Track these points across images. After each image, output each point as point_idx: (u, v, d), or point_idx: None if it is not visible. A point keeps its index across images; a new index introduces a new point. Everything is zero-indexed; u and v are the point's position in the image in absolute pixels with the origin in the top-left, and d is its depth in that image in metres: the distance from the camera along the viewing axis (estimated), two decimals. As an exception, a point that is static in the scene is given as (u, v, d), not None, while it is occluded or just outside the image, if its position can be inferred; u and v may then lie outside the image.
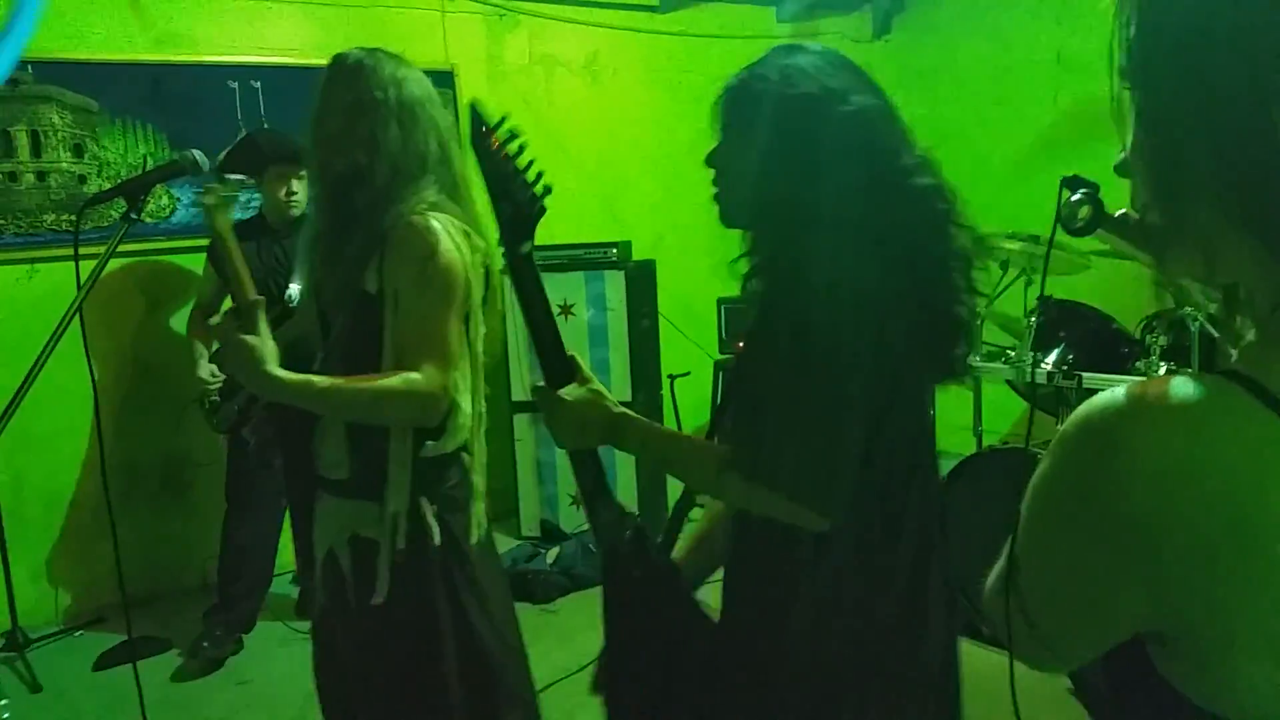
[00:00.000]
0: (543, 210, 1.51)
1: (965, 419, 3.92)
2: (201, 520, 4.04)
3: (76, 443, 3.92)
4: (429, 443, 1.86)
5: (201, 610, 3.67)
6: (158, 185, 2.93)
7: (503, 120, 1.50)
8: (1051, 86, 5.03)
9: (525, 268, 1.52)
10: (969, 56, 5.59)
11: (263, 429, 3.24)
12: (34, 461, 3.88)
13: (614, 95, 5.30)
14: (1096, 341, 3.41)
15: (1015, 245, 3.53)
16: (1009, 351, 3.77)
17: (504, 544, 4.37)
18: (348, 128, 1.83)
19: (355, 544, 1.89)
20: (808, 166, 1.31)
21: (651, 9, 5.49)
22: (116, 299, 4.01)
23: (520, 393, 4.56)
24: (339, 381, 1.70)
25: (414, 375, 1.72)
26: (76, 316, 1.68)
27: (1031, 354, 3.47)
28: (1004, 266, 3.76)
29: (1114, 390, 0.69)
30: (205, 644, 3.52)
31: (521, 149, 1.51)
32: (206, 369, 3.44)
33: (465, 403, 1.88)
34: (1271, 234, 0.65)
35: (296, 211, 3.49)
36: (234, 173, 3.55)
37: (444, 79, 4.82)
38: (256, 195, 3.70)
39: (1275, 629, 0.64)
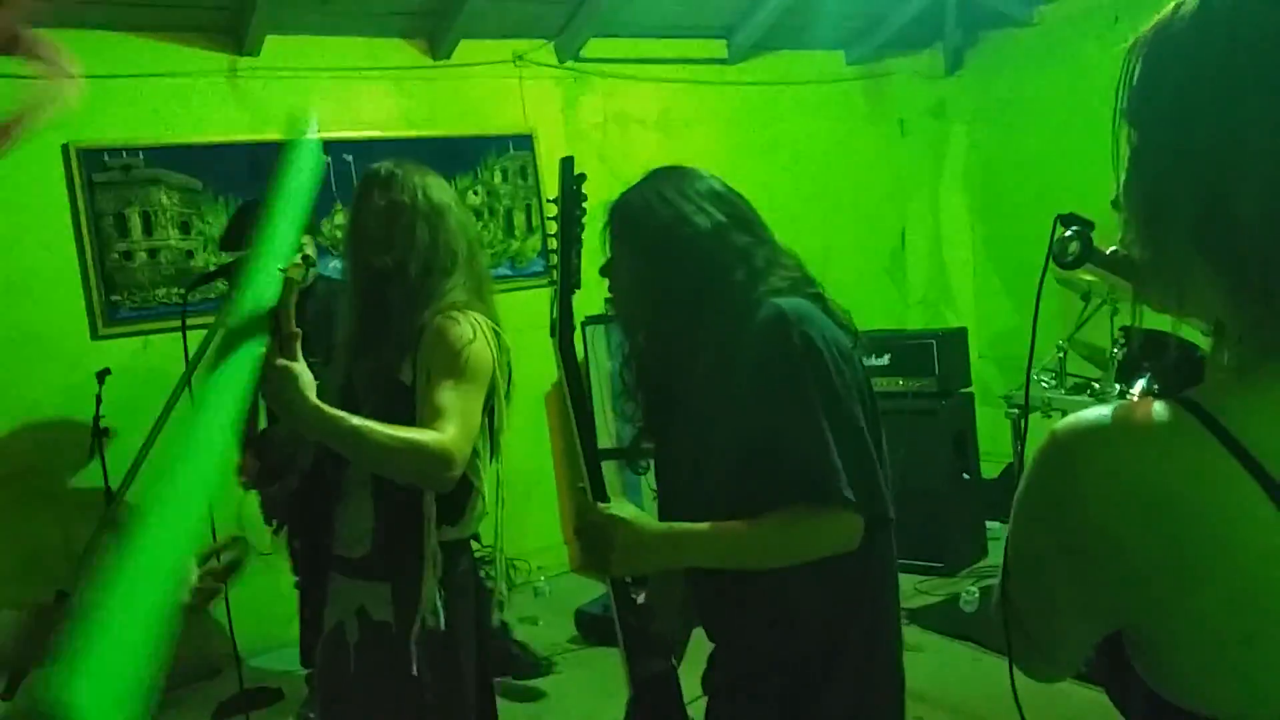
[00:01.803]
0: (578, 285, 1.63)
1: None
2: (307, 574, 4.22)
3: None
4: (445, 527, 1.96)
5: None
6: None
7: (584, 178, 1.61)
8: (1126, 114, 4.98)
9: (571, 358, 1.61)
10: (1042, 88, 5.58)
11: (280, 513, 3.21)
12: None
13: (687, 147, 5.42)
14: (1181, 370, 3.36)
15: (1094, 276, 3.51)
16: (1094, 383, 3.74)
17: (592, 591, 4.45)
18: (383, 231, 1.98)
19: (364, 621, 1.99)
20: (676, 276, 1.52)
21: (720, 61, 5.63)
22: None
23: (605, 440, 4.66)
24: (370, 423, 1.76)
25: (437, 434, 1.79)
26: (186, 387, 1.82)
27: (1117, 385, 3.43)
28: (1085, 298, 3.74)
29: (1082, 412, 0.77)
30: (311, 714, 3.63)
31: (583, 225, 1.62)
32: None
33: (486, 492, 1.99)
34: (1239, 275, 0.72)
35: (315, 272, 3.52)
36: (235, 249, 3.44)
37: (524, 142, 5.02)
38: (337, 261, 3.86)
39: (1210, 627, 0.71)
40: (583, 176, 1.61)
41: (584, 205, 1.61)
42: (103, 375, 3.77)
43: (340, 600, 2.05)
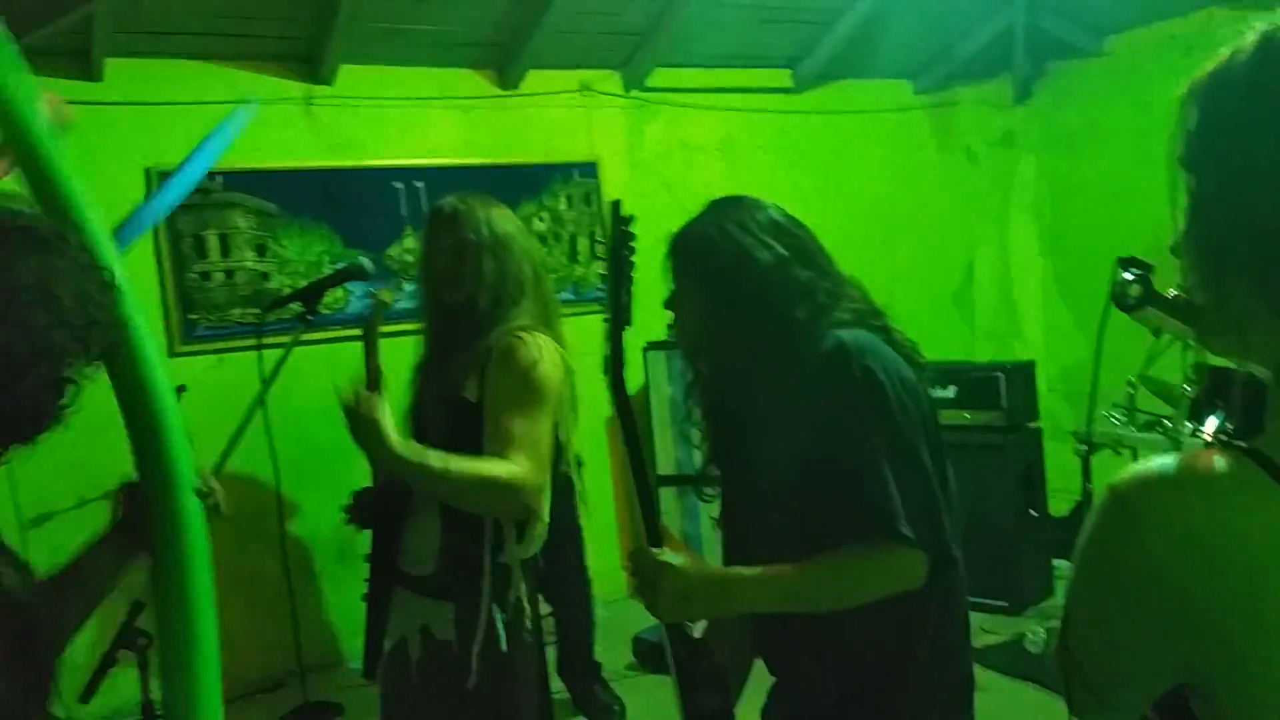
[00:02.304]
0: (628, 322, 1.63)
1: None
2: (368, 592, 4.28)
3: (257, 519, 4.23)
4: (508, 548, 2.00)
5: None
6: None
7: (632, 219, 1.63)
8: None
9: (623, 396, 1.61)
10: (1111, 119, 5.49)
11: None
12: (216, 537, 4.21)
13: (750, 176, 5.43)
14: (1251, 411, 3.27)
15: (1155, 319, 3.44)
16: (1165, 421, 3.64)
17: (650, 617, 4.43)
18: (452, 268, 2.05)
19: (426, 638, 2.03)
20: (737, 310, 1.53)
21: (785, 90, 5.64)
22: (297, 384, 4.34)
23: (666, 466, 4.66)
24: (451, 461, 1.85)
25: (514, 467, 1.86)
26: (260, 405, 1.88)
27: (1188, 423, 3.35)
28: (1156, 333, 3.66)
29: (1142, 464, 0.76)
30: None
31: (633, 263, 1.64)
32: None
33: (545, 514, 2.01)
34: None
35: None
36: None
37: (589, 169, 5.08)
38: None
39: None
40: (631, 218, 1.63)
41: (633, 245, 1.62)
42: (180, 391, 3.87)
43: (404, 615, 2.09)
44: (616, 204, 1.65)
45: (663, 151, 5.33)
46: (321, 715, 3.78)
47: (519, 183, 4.89)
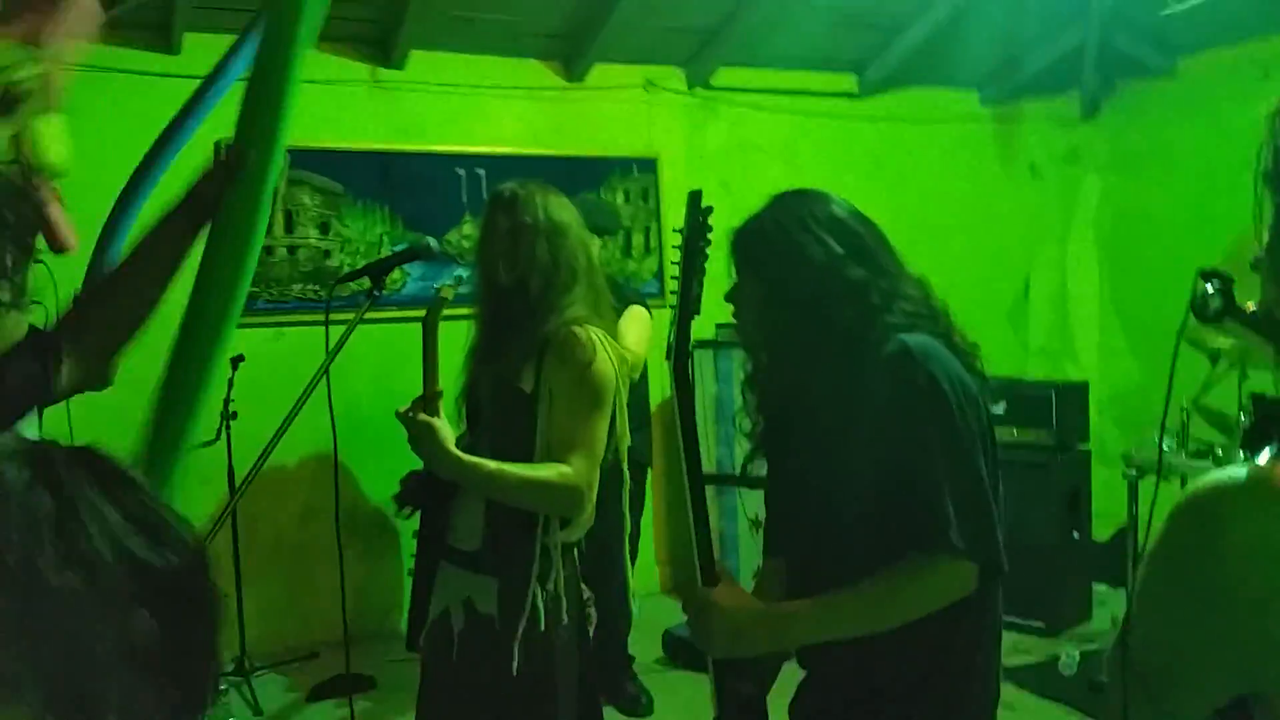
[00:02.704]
0: (697, 312, 1.65)
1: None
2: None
3: (305, 490, 4.32)
4: (556, 531, 2.05)
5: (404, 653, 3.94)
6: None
7: (710, 211, 1.64)
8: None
9: (684, 383, 1.62)
10: (1181, 140, 5.40)
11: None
12: (266, 507, 4.31)
13: (810, 179, 5.35)
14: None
15: (1231, 335, 3.38)
16: (1218, 450, 3.59)
17: (681, 612, 4.46)
18: (507, 250, 2.09)
19: (469, 612, 2.07)
20: (790, 307, 1.52)
21: (850, 95, 5.61)
22: (351, 361, 4.42)
23: (708, 465, 4.67)
24: (505, 467, 1.93)
25: (565, 469, 1.93)
26: (324, 376, 1.94)
27: (1242, 453, 3.29)
28: (1213, 359, 3.61)
29: (1222, 471, 0.77)
30: None
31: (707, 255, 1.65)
32: None
33: (592, 501, 2.05)
34: None
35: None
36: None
37: (648, 165, 5.10)
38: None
39: None
40: (710, 210, 1.63)
41: (709, 237, 1.63)
42: (236, 361, 3.97)
43: (448, 588, 2.14)
44: (696, 194, 1.65)
45: (723, 151, 5.34)
46: (354, 686, 3.85)
47: (578, 175, 4.92)
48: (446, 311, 2.03)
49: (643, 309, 3.60)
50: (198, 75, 2.04)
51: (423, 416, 1.91)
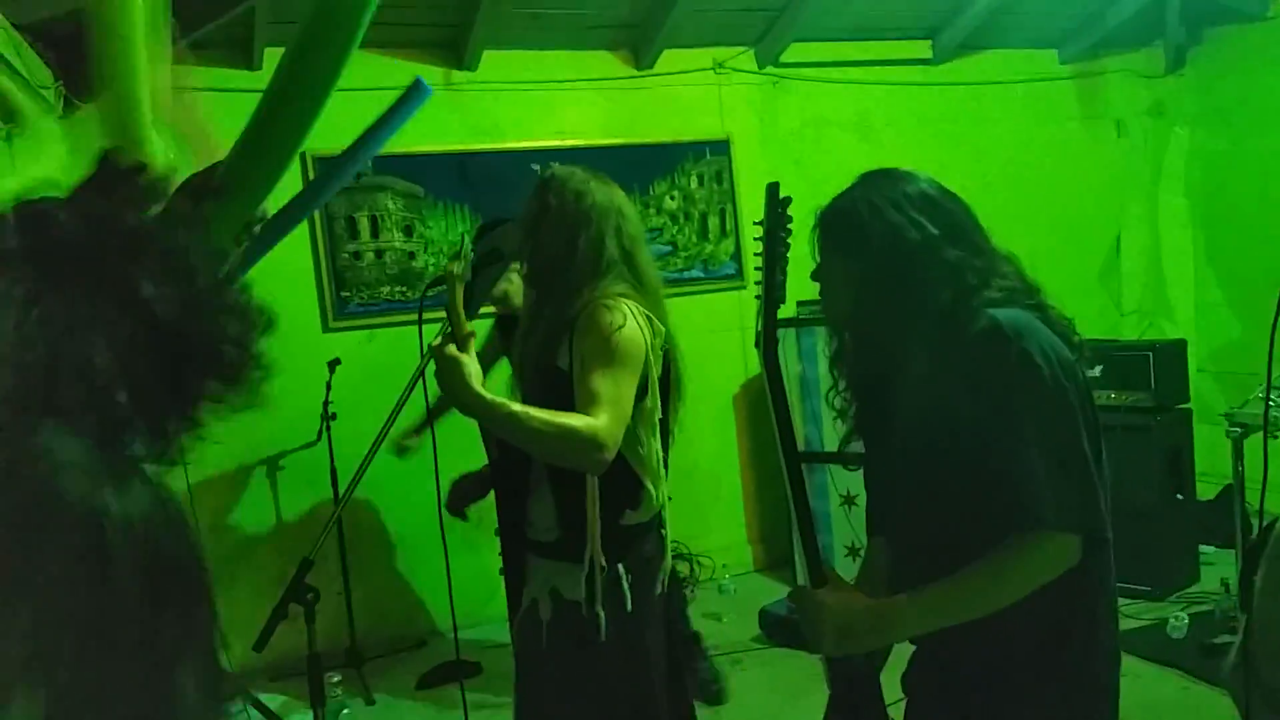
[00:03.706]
0: (782, 300, 1.66)
1: None
2: (506, 558, 4.47)
3: (407, 483, 4.44)
4: (628, 511, 2.07)
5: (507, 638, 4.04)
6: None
7: (789, 202, 1.65)
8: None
9: (774, 363, 1.64)
10: (1272, 89, 5.19)
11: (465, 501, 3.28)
12: (366, 502, 4.46)
13: (886, 150, 5.35)
14: None
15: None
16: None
17: (777, 590, 4.48)
18: (534, 229, 2.13)
19: (556, 599, 2.11)
20: (885, 288, 1.51)
21: (924, 62, 5.53)
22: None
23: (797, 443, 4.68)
24: (530, 410, 1.87)
25: (592, 420, 1.88)
26: (420, 379, 2.01)
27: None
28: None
29: None
30: None
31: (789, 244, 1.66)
32: None
33: (652, 479, 2.08)
34: None
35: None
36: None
37: (721, 147, 5.11)
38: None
39: None
40: (788, 200, 1.63)
41: (789, 227, 1.63)
42: (333, 364, 4.12)
43: (536, 579, 2.19)
44: (774, 186, 1.65)
45: (795, 128, 5.31)
46: (461, 672, 3.96)
47: (652, 162, 4.96)
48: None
49: None
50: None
51: (451, 349, 1.81)
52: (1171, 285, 6.00)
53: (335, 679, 3.77)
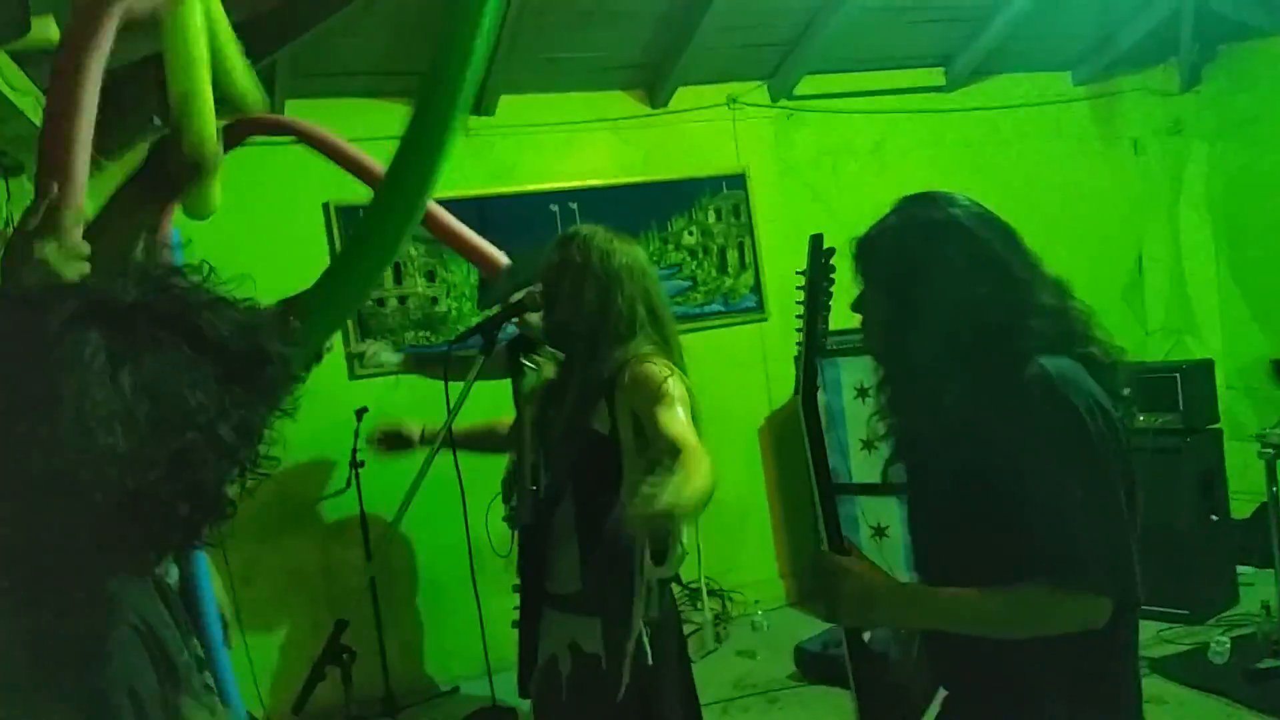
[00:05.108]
0: (823, 350, 1.66)
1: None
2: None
3: (432, 531, 4.44)
4: (653, 567, 2.02)
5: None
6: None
7: (833, 253, 1.64)
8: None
9: (812, 411, 1.64)
10: (1293, 101, 5.17)
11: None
12: (397, 550, 4.47)
13: (903, 177, 5.36)
14: None
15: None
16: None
17: (811, 626, 4.44)
18: (553, 289, 2.14)
19: (575, 653, 2.10)
20: (916, 324, 1.48)
21: (937, 89, 5.55)
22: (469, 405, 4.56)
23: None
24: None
25: (691, 447, 1.85)
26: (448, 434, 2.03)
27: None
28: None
29: None
30: None
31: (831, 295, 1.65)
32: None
33: (675, 535, 2.04)
34: None
35: None
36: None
37: (737, 181, 5.14)
38: None
39: None
40: (832, 251, 1.62)
41: (832, 277, 1.62)
42: (361, 413, 4.15)
43: (553, 634, 2.18)
44: (818, 238, 1.64)
45: (811, 159, 5.34)
46: (498, 718, 3.95)
47: (669, 198, 4.99)
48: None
49: None
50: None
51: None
52: (1196, 302, 5.96)
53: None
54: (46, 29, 2.27)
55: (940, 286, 1.46)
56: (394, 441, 2.99)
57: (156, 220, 1.66)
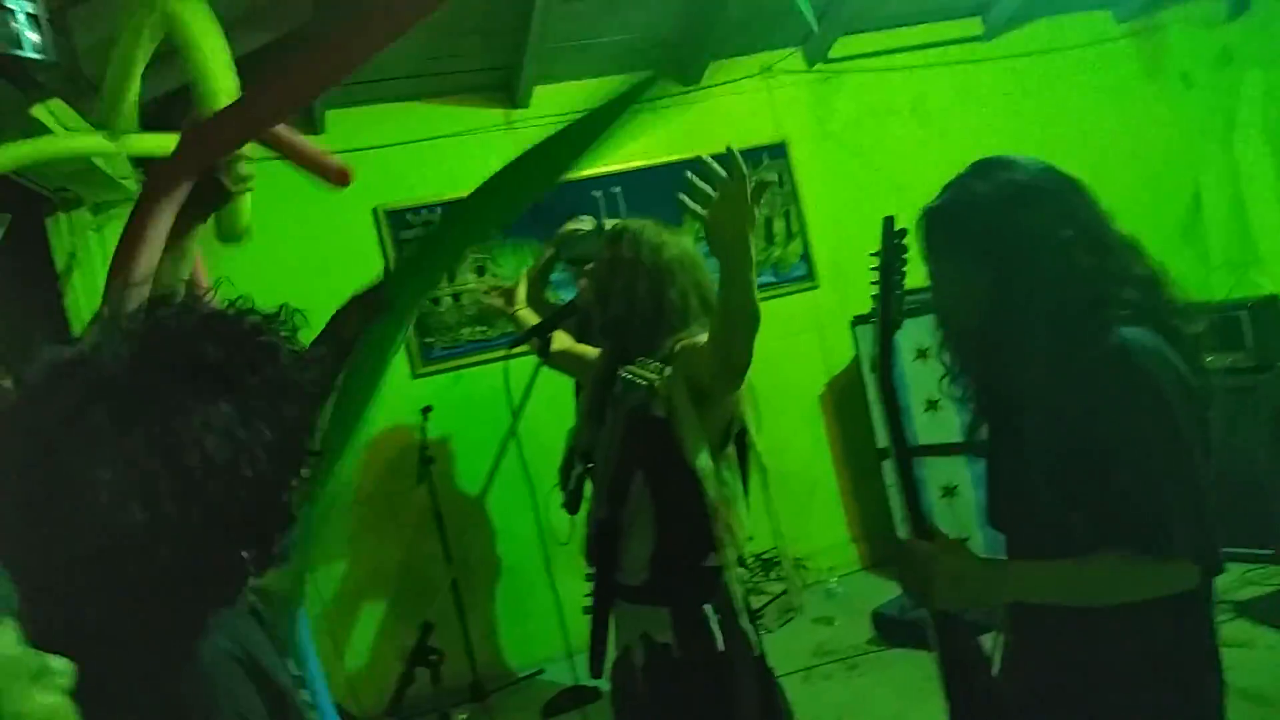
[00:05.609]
0: (899, 325, 1.64)
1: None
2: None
3: (512, 515, 4.51)
4: (712, 553, 2.06)
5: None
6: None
7: (905, 233, 1.62)
8: None
9: (891, 395, 1.64)
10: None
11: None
12: (478, 537, 4.56)
13: (945, 133, 5.30)
14: None
15: None
16: None
17: (888, 590, 4.43)
18: (606, 283, 2.15)
19: (648, 643, 2.12)
20: (1008, 293, 1.45)
21: (975, 39, 5.46)
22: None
23: (881, 439, 4.64)
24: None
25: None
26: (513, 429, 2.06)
27: None
28: None
29: None
30: None
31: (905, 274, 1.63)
32: None
33: (736, 520, 2.06)
34: None
35: None
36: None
37: (778, 150, 5.11)
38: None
39: None
40: (904, 231, 1.60)
41: (905, 257, 1.60)
42: (426, 411, 4.23)
43: (625, 626, 2.21)
44: (890, 220, 1.63)
45: (851, 121, 5.29)
46: (583, 698, 4.00)
47: (710, 174, 4.98)
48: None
49: None
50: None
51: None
52: (1259, 233, 5.80)
53: (463, 716, 3.85)
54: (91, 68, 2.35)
55: (1044, 257, 1.42)
56: (505, 297, 3.04)
57: (183, 244, 1.70)
